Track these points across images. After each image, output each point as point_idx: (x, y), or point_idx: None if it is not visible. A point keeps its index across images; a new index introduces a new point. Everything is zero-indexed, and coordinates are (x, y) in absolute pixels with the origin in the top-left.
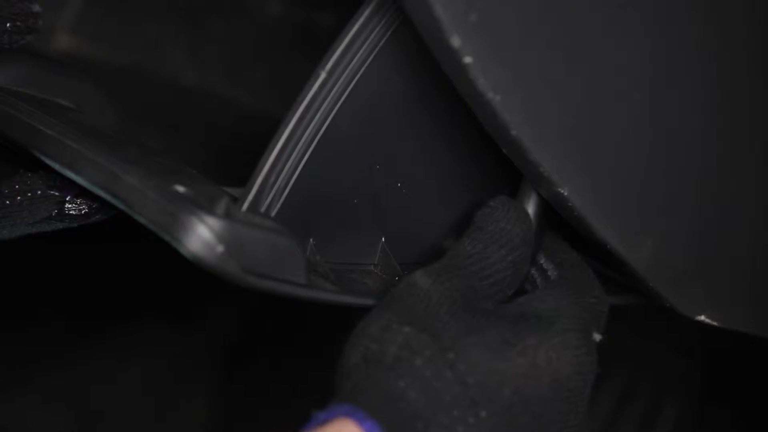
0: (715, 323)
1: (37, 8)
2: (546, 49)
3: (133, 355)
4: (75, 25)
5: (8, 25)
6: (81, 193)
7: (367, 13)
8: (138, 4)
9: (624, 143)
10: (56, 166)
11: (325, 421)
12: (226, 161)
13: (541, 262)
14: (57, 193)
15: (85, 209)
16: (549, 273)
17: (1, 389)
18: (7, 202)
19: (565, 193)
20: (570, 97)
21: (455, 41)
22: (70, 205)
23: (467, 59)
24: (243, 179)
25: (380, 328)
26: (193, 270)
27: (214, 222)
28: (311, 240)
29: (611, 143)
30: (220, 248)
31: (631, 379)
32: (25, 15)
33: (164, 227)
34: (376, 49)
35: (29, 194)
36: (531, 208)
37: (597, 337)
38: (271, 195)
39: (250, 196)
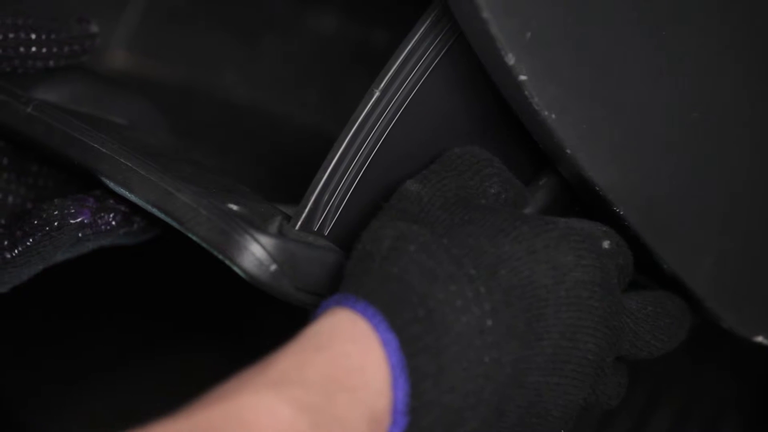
0: None
1: (94, 29)
2: (601, 68)
3: (183, 376)
4: (129, 43)
5: (66, 49)
6: (97, 211)
7: (421, 31)
8: (192, 21)
9: (681, 162)
10: (110, 184)
11: (317, 316)
12: (281, 179)
13: None
14: (72, 221)
15: (106, 226)
16: None
17: (54, 408)
18: (29, 241)
19: (621, 212)
20: (625, 116)
21: (510, 59)
22: (88, 229)
23: (522, 77)
24: (297, 197)
25: (374, 229)
26: (244, 289)
27: (267, 240)
28: None
29: (668, 162)
30: (273, 266)
31: (685, 401)
32: (83, 37)
33: (217, 245)
34: (431, 67)
35: (47, 228)
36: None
37: (605, 243)
38: (325, 213)
39: (303, 215)
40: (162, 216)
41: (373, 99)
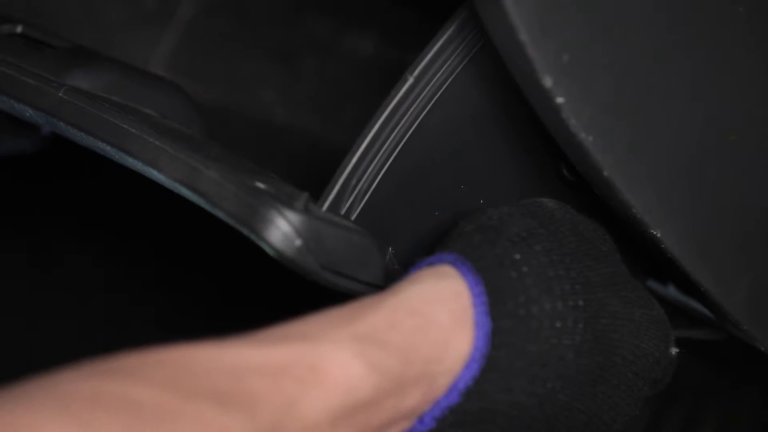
0: None
1: None
2: (638, 90)
3: None
4: (168, 63)
5: None
6: None
7: (461, 18)
8: (231, 42)
9: (719, 185)
10: (138, 164)
11: (430, 265)
12: (317, 199)
13: None
14: None
15: None
16: None
17: None
18: None
19: (658, 235)
20: (662, 138)
21: (547, 81)
22: None
23: (559, 100)
24: None
25: (501, 212)
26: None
27: (293, 215)
28: (390, 249)
29: (706, 185)
30: (298, 242)
31: (722, 424)
32: None
33: (244, 220)
34: (468, 57)
35: None
36: None
37: (673, 350)
38: (352, 198)
39: (331, 197)
40: (190, 195)
41: (406, 85)
